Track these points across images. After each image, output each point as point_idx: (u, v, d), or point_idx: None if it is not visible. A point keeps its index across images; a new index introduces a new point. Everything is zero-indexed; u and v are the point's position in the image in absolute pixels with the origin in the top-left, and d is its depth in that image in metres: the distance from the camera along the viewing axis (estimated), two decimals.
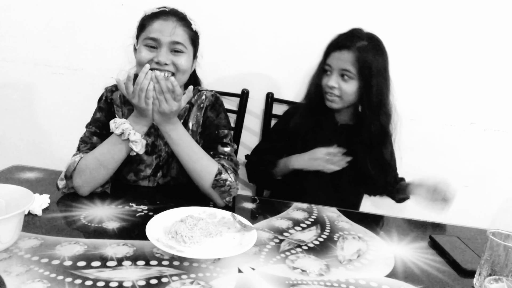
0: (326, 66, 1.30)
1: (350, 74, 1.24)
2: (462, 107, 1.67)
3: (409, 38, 1.60)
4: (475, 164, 1.72)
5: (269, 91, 1.66)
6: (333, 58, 1.27)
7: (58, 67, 1.71)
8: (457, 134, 1.70)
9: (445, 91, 1.65)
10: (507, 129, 1.68)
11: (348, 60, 1.23)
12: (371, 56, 1.23)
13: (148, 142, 1.16)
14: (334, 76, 1.27)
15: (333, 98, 1.28)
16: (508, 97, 1.65)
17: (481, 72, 1.63)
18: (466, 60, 1.62)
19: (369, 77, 1.24)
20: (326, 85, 1.28)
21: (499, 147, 1.70)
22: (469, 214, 1.77)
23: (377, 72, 1.24)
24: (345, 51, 1.24)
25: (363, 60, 1.22)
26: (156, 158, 1.19)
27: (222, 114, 1.23)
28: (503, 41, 1.59)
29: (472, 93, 1.65)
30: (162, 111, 1.03)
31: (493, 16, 1.57)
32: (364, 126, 1.30)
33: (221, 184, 1.08)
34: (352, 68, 1.23)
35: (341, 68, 1.25)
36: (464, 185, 1.75)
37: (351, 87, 1.26)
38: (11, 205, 0.83)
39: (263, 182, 1.57)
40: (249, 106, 1.67)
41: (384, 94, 1.28)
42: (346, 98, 1.28)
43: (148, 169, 1.19)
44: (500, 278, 0.75)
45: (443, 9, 1.57)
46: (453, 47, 1.60)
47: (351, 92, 1.26)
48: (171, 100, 1.02)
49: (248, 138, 1.75)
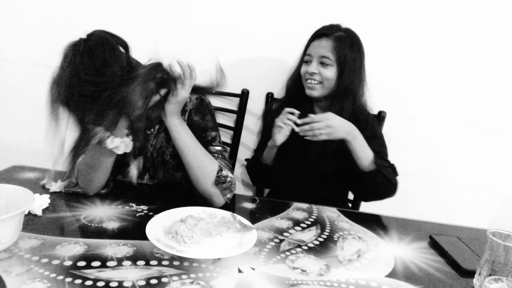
0: (306, 56, 1.35)
1: (328, 61, 1.29)
2: (462, 107, 1.67)
3: (409, 38, 1.60)
4: (475, 164, 1.72)
5: (269, 91, 1.67)
6: (313, 47, 1.33)
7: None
8: (457, 134, 1.70)
9: (445, 91, 1.65)
10: (507, 129, 1.68)
11: (327, 47, 1.29)
12: (348, 45, 1.29)
13: (136, 145, 1.15)
14: (314, 63, 1.32)
15: (313, 85, 1.32)
16: (508, 97, 1.65)
17: (481, 72, 1.63)
18: (466, 60, 1.62)
19: (343, 65, 1.29)
20: (307, 72, 1.33)
21: (499, 147, 1.70)
22: (469, 214, 1.78)
23: (351, 61, 1.29)
24: (324, 39, 1.30)
25: (340, 48, 1.28)
26: (142, 159, 1.19)
27: (208, 116, 1.19)
28: (503, 41, 1.59)
29: (472, 93, 1.65)
30: (181, 99, 1.03)
31: (493, 16, 1.57)
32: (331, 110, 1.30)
33: (222, 181, 1.08)
34: (330, 55, 1.29)
35: (321, 55, 1.30)
36: (464, 185, 1.76)
37: (330, 72, 1.30)
38: (11, 205, 0.83)
39: (264, 182, 1.57)
40: (249, 106, 1.67)
41: (354, 84, 1.31)
42: (327, 83, 1.31)
43: (135, 170, 1.18)
44: (500, 278, 0.75)
45: (443, 9, 1.57)
46: (453, 47, 1.60)
47: (331, 77, 1.30)
48: (188, 86, 1.03)
49: (248, 138, 1.75)
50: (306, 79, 1.34)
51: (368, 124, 1.35)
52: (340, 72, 1.30)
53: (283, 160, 1.39)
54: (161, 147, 1.19)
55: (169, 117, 1.06)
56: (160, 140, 1.19)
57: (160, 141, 1.19)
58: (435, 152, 1.72)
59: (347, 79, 1.30)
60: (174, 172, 1.21)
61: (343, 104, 1.31)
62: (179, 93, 1.02)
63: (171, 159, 1.20)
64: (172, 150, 1.18)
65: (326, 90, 1.33)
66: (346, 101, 1.32)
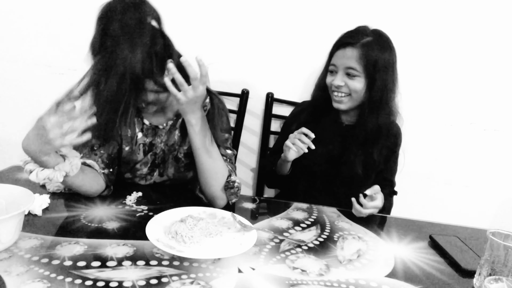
0: (331, 66, 1.27)
1: (355, 72, 1.21)
2: (462, 107, 1.67)
3: (409, 38, 1.60)
4: (475, 164, 1.72)
5: (269, 91, 1.67)
6: (337, 57, 1.24)
7: (58, 67, 1.71)
8: (457, 134, 1.70)
9: (445, 91, 1.65)
10: (507, 129, 1.68)
11: (353, 57, 1.20)
12: (377, 52, 1.19)
13: (146, 142, 1.16)
14: (339, 75, 1.23)
15: (341, 98, 1.25)
16: (508, 97, 1.65)
17: (481, 72, 1.63)
18: (466, 60, 1.62)
19: (373, 74, 1.20)
20: (332, 85, 1.25)
21: (499, 147, 1.70)
22: (469, 214, 1.78)
23: (382, 68, 1.20)
24: (349, 49, 1.21)
25: (367, 56, 1.18)
26: (152, 156, 1.18)
27: (224, 118, 1.20)
28: (503, 41, 1.59)
29: (472, 93, 1.65)
30: (191, 98, 0.94)
31: (493, 16, 1.57)
32: (361, 123, 1.27)
33: (231, 186, 1.08)
34: (357, 65, 1.20)
35: (346, 66, 1.21)
36: (464, 185, 1.76)
37: (358, 84, 1.22)
38: (11, 205, 0.83)
39: (272, 182, 1.52)
40: (249, 106, 1.67)
41: (389, 92, 1.23)
42: (356, 95, 1.23)
43: (144, 167, 1.19)
44: (500, 278, 0.75)
45: (443, 9, 1.57)
46: (453, 47, 1.60)
47: (359, 89, 1.22)
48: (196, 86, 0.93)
49: (248, 138, 1.75)
50: (332, 91, 1.26)
51: (397, 139, 1.33)
52: (369, 82, 1.21)
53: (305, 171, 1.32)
54: (174, 144, 1.17)
55: (185, 116, 1.00)
56: (173, 137, 1.17)
57: (173, 138, 1.17)
58: (435, 152, 1.72)
59: (380, 90, 1.21)
60: (186, 171, 1.20)
61: (378, 118, 1.23)
62: (188, 92, 0.94)
63: (185, 157, 1.18)
64: (187, 148, 1.17)
65: (355, 102, 1.25)
66: (381, 114, 1.24)
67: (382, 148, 1.30)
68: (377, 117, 1.24)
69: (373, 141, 1.28)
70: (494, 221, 1.78)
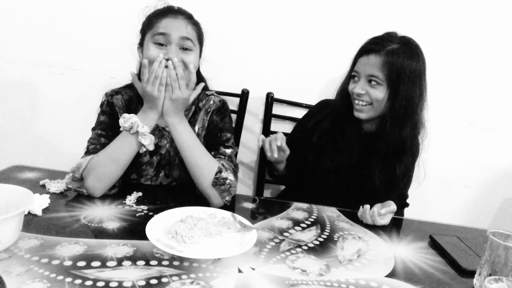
0: (353, 73, 1.23)
1: (377, 80, 1.16)
2: (462, 107, 1.67)
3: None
4: (475, 164, 1.72)
5: (269, 91, 1.66)
6: (360, 63, 1.20)
7: (58, 67, 1.71)
8: (457, 134, 1.70)
9: (445, 91, 1.65)
10: (507, 129, 1.68)
11: (375, 65, 1.15)
12: (402, 60, 1.13)
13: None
14: (361, 83, 1.19)
15: (362, 107, 1.20)
16: (508, 97, 1.65)
17: (481, 72, 1.63)
18: (466, 60, 1.62)
19: (397, 83, 1.14)
20: (353, 92, 1.21)
21: (499, 147, 1.70)
22: (469, 214, 1.78)
23: (407, 78, 1.14)
24: (373, 56, 1.16)
25: (391, 65, 1.13)
26: (158, 157, 1.19)
27: (227, 119, 1.24)
28: (503, 41, 1.59)
29: (472, 93, 1.65)
30: (175, 98, 1.06)
31: (493, 16, 1.57)
32: (383, 135, 1.21)
33: (221, 183, 1.08)
34: (379, 73, 1.15)
35: (368, 74, 1.17)
36: (464, 185, 1.76)
37: (380, 93, 1.17)
38: (11, 205, 0.83)
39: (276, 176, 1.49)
40: (249, 106, 1.67)
41: (414, 104, 1.17)
42: (377, 105, 1.19)
43: (150, 168, 1.19)
44: (500, 278, 0.75)
45: (443, 9, 1.57)
46: (453, 47, 1.60)
47: (380, 98, 1.17)
48: (184, 87, 1.06)
49: (248, 138, 1.75)
50: (353, 98, 1.22)
51: (417, 151, 1.28)
52: (392, 92, 1.15)
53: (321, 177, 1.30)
54: None
55: (166, 116, 1.08)
56: None
57: None
58: (435, 152, 1.72)
59: (403, 101, 1.15)
60: None
61: (401, 130, 1.18)
62: (174, 92, 1.06)
63: None
64: None
65: (376, 112, 1.20)
66: (405, 127, 1.18)
67: (404, 163, 1.25)
68: (400, 130, 1.19)
69: (396, 155, 1.23)
70: (494, 221, 1.78)
